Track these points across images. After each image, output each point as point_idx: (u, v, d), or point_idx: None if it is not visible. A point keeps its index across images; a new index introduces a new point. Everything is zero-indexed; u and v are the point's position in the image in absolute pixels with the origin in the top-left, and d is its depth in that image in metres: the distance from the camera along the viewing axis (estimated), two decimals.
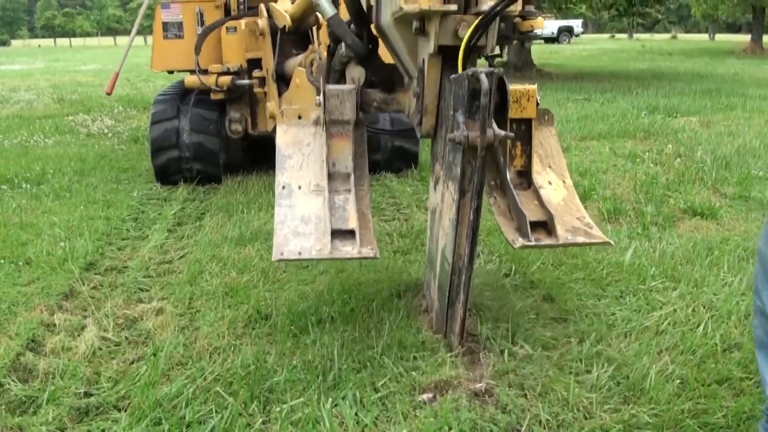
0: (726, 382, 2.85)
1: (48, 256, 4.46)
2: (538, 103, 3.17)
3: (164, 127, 6.39)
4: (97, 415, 2.73)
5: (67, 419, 2.69)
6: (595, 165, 6.88)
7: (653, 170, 6.59)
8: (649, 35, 62.96)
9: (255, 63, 6.27)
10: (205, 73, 6.23)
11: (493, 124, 2.56)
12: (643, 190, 5.83)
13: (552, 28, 51.63)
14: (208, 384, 2.86)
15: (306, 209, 3.03)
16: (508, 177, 3.08)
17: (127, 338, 3.39)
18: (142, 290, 4.02)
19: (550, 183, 3.17)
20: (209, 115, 6.44)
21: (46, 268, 4.24)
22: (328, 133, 3.22)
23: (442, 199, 3.02)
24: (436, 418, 2.60)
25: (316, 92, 4.44)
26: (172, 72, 7.37)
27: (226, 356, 3.10)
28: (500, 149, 3.00)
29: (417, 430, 2.56)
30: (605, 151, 7.71)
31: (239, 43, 6.25)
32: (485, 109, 2.51)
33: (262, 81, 6.27)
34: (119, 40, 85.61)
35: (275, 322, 3.43)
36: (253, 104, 6.54)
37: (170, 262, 4.47)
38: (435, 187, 3.19)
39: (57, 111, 12.62)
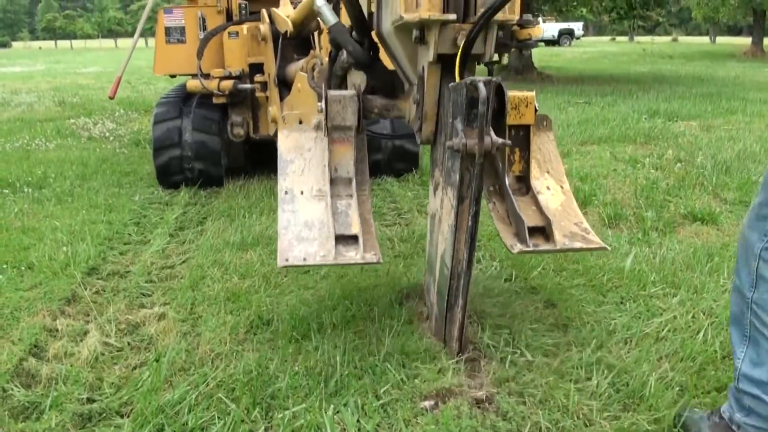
0: (726, 390, 2.84)
1: (50, 260, 4.47)
2: (536, 110, 3.19)
3: (166, 126, 6.44)
4: (99, 421, 2.74)
5: (70, 425, 2.70)
6: (596, 170, 6.89)
7: (654, 175, 6.60)
8: (650, 38, 63.03)
9: (257, 67, 6.29)
10: (207, 77, 6.26)
11: (491, 132, 2.59)
12: (644, 195, 5.84)
13: (553, 31, 51.75)
14: (211, 390, 2.87)
15: (309, 214, 3.04)
16: (507, 182, 3.10)
17: (130, 344, 3.40)
18: (144, 295, 4.02)
19: (548, 188, 3.19)
20: (211, 115, 6.49)
21: (49, 273, 4.25)
22: (330, 139, 3.23)
23: (441, 204, 3.05)
24: (438, 426, 2.61)
25: (317, 97, 4.48)
26: (174, 76, 7.41)
27: (229, 362, 3.11)
28: (499, 155, 3.02)
29: None
30: (606, 155, 7.72)
31: (241, 48, 6.29)
32: (483, 117, 2.53)
33: (264, 85, 6.29)
34: (120, 42, 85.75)
35: (277, 328, 3.44)
36: (255, 108, 6.57)
37: (172, 267, 4.48)
38: (434, 193, 3.22)
39: (58, 114, 12.64)
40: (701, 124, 10.06)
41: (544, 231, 2.99)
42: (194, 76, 6.36)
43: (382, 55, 3.50)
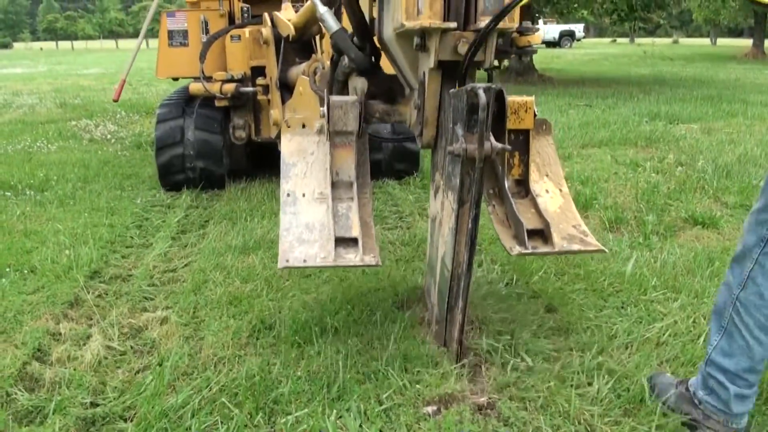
0: None
1: (53, 264, 4.48)
2: (536, 114, 3.23)
3: (169, 125, 6.48)
4: (103, 426, 2.75)
5: (74, 429, 2.71)
6: (597, 173, 6.91)
7: (654, 179, 6.61)
8: (651, 40, 63.04)
9: (259, 71, 6.33)
10: (210, 80, 6.29)
11: (491, 137, 2.62)
12: (645, 199, 5.85)
13: (554, 33, 51.80)
14: (214, 395, 2.88)
15: (310, 217, 3.07)
16: (507, 186, 3.14)
17: (132, 347, 3.41)
18: (146, 299, 4.04)
19: (547, 191, 3.23)
20: (213, 114, 6.52)
21: (51, 277, 4.26)
22: (332, 143, 3.27)
23: (441, 207, 3.09)
24: (440, 431, 2.63)
25: (319, 101, 4.51)
26: (177, 79, 7.45)
27: (231, 367, 3.13)
28: (499, 159, 3.06)
29: None
30: (607, 159, 7.73)
31: (243, 51, 6.32)
32: (483, 123, 2.57)
33: (266, 89, 6.33)
34: (121, 44, 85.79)
35: (279, 332, 3.45)
36: (257, 111, 6.60)
37: (174, 271, 4.49)
38: (435, 196, 3.26)
39: (60, 116, 12.65)
40: (702, 127, 10.08)
41: (542, 233, 3.03)
42: (197, 79, 6.38)
43: (383, 59, 3.54)
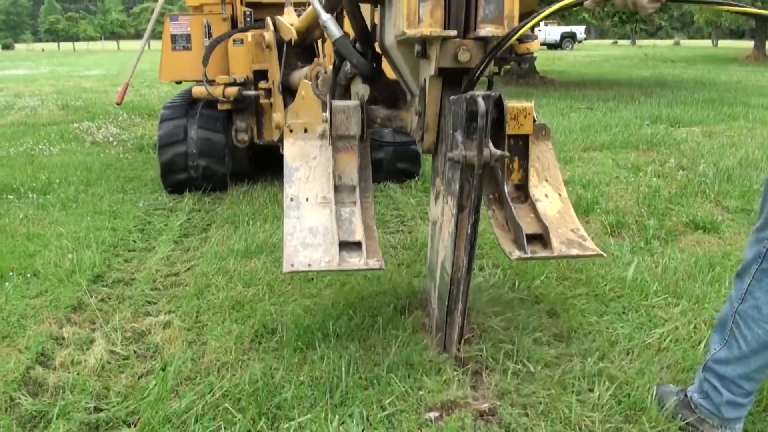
0: None
1: (56, 267, 4.50)
2: (535, 120, 3.27)
3: (172, 124, 6.53)
4: (107, 431, 2.77)
5: None
6: (598, 177, 6.92)
7: (656, 183, 6.62)
8: (652, 42, 63.02)
9: (261, 74, 6.36)
10: (213, 83, 6.32)
11: (490, 144, 2.66)
12: (646, 203, 5.86)
13: (555, 35, 51.83)
14: (217, 400, 2.90)
15: (314, 221, 3.09)
16: (506, 190, 3.18)
17: (136, 352, 3.43)
18: (149, 303, 4.05)
19: (546, 196, 3.27)
20: (216, 114, 6.57)
21: (54, 281, 4.28)
22: (335, 147, 3.30)
23: (442, 212, 3.12)
24: None
25: (321, 105, 4.54)
26: (180, 82, 7.49)
27: (234, 372, 3.14)
28: (498, 164, 3.10)
29: None
30: (608, 162, 7.75)
31: (246, 55, 6.35)
32: (482, 130, 2.60)
33: (268, 92, 6.35)
34: (122, 45, 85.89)
35: (282, 337, 3.47)
36: (259, 114, 6.63)
37: (177, 275, 4.51)
38: (435, 201, 3.29)
39: (62, 118, 12.68)
40: (703, 130, 10.09)
41: (541, 238, 3.07)
42: (199, 83, 6.41)
43: (385, 65, 3.58)
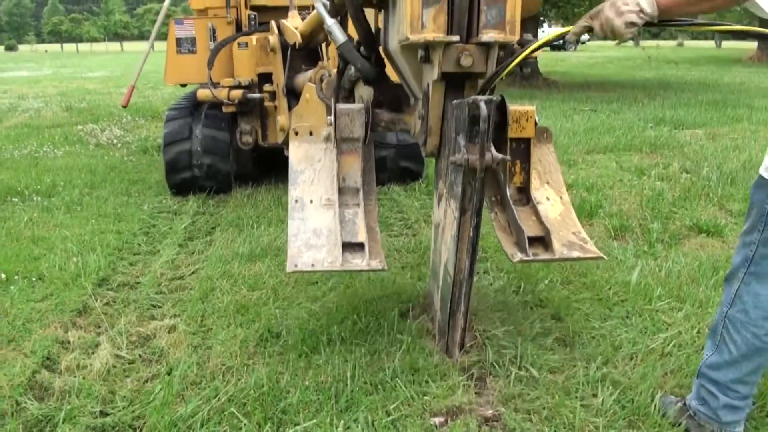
0: None
1: (61, 271, 4.52)
2: (537, 123, 3.31)
3: (178, 123, 6.58)
4: None
5: None
6: (602, 180, 6.92)
7: (659, 186, 6.63)
8: (655, 43, 62.89)
9: (266, 77, 6.38)
10: (217, 86, 6.35)
11: (492, 148, 2.70)
12: (650, 207, 5.87)
13: None
14: (222, 405, 2.91)
15: (318, 222, 3.14)
16: (508, 193, 3.25)
17: (141, 356, 3.44)
18: (154, 307, 4.07)
19: (548, 198, 3.32)
20: (221, 114, 6.61)
21: (59, 284, 4.30)
22: (339, 150, 3.34)
23: (444, 215, 3.16)
24: None
25: (325, 108, 4.57)
26: (185, 85, 7.53)
27: (240, 376, 3.15)
28: (501, 167, 3.15)
29: None
30: (612, 165, 7.75)
31: (250, 58, 6.38)
32: (484, 134, 2.65)
33: (273, 95, 6.37)
34: (126, 46, 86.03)
35: (287, 341, 3.48)
36: (264, 117, 6.66)
37: (182, 278, 4.52)
38: (438, 204, 3.32)
39: (66, 120, 12.70)
40: (707, 133, 10.08)
41: (543, 240, 3.12)
42: (204, 86, 6.44)
43: (389, 68, 3.62)
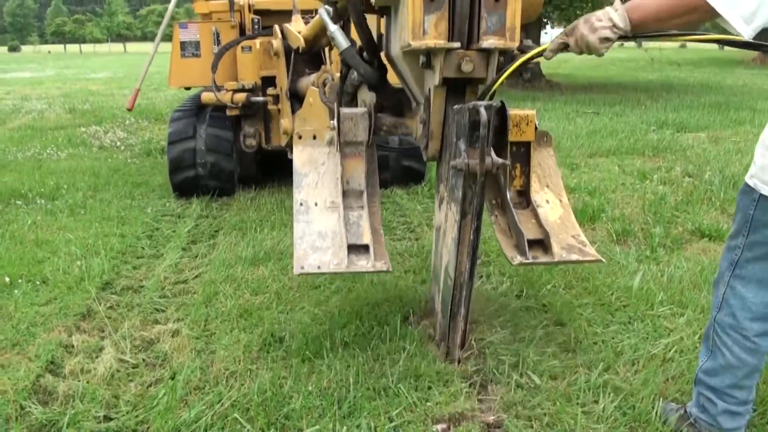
0: None
1: (64, 274, 4.53)
2: (537, 127, 3.35)
3: (182, 123, 6.64)
4: None
5: None
6: (604, 184, 6.93)
7: (662, 190, 6.63)
8: (658, 44, 62.84)
9: (269, 81, 6.42)
10: (221, 89, 6.38)
11: (492, 153, 2.73)
12: (652, 211, 5.87)
13: None
14: (226, 410, 2.92)
15: (323, 225, 3.17)
16: (508, 196, 3.29)
17: (145, 360, 3.45)
18: (158, 311, 4.08)
19: (547, 202, 3.35)
20: (224, 115, 6.66)
21: (63, 288, 4.31)
22: (342, 154, 3.38)
23: (445, 218, 3.19)
24: None
25: (328, 112, 4.60)
26: (189, 88, 7.57)
27: (243, 381, 3.17)
28: (501, 171, 3.19)
29: None
30: (614, 169, 7.75)
31: (254, 62, 6.41)
32: (484, 139, 2.68)
33: (276, 98, 6.41)
34: (129, 47, 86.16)
35: (290, 346, 3.49)
36: (267, 120, 6.69)
37: (185, 282, 4.54)
38: (439, 207, 3.35)
39: (69, 121, 12.73)
40: (709, 136, 10.08)
41: (543, 243, 3.16)
42: (208, 89, 6.47)
43: (390, 72, 3.66)
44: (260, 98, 6.42)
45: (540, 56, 2.70)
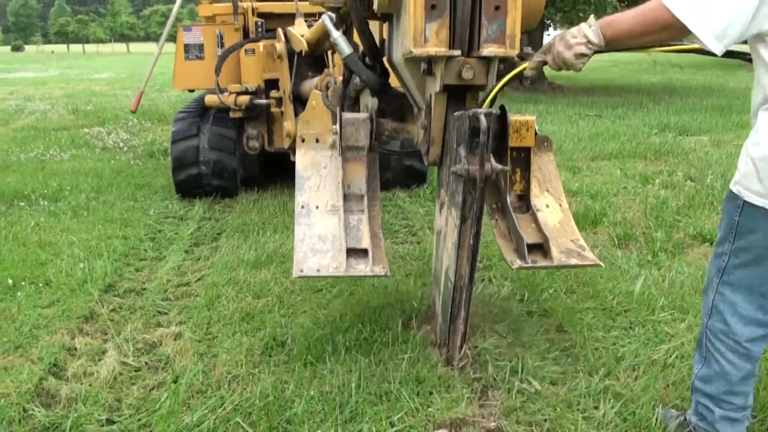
0: None
1: (67, 277, 4.55)
2: (537, 133, 3.38)
3: (187, 122, 6.68)
4: None
5: None
6: (606, 187, 6.94)
7: (663, 194, 6.64)
8: None
9: (272, 83, 6.45)
10: (225, 92, 6.40)
11: (491, 159, 2.77)
12: (654, 215, 5.88)
13: None
14: (228, 414, 2.93)
15: (323, 228, 3.20)
16: (509, 201, 3.32)
17: (147, 364, 3.47)
18: (160, 313, 4.10)
19: (547, 206, 3.38)
20: (228, 116, 6.69)
21: (66, 290, 4.33)
22: (344, 158, 3.40)
23: (446, 222, 3.22)
24: None
25: (330, 115, 4.62)
26: (192, 90, 7.60)
27: (245, 385, 3.18)
28: (501, 176, 3.20)
29: None
30: (616, 172, 7.76)
31: (257, 65, 6.44)
32: (484, 146, 2.72)
33: (279, 101, 6.43)
34: (132, 47, 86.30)
35: (292, 350, 3.50)
36: (270, 122, 6.72)
37: (188, 285, 4.55)
38: (440, 211, 3.39)
39: (72, 122, 12.75)
40: (711, 139, 10.07)
41: (542, 247, 3.18)
42: (212, 91, 6.50)
43: (393, 77, 3.69)
44: (263, 101, 6.46)
45: (521, 73, 2.76)
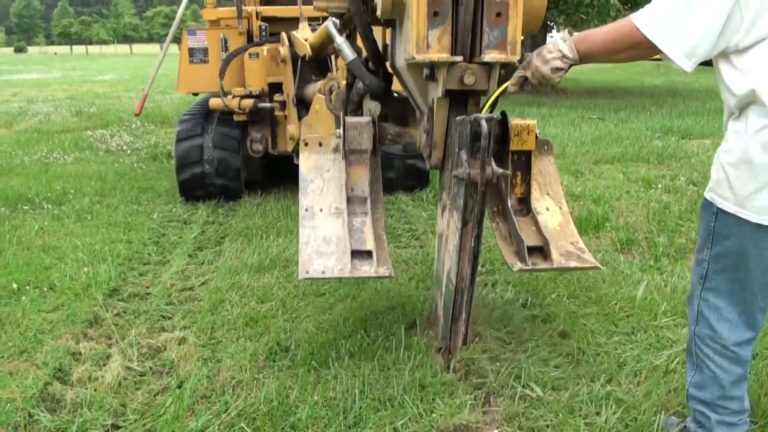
0: None
1: (72, 281, 4.56)
2: (537, 136, 3.43)
3: (191, 123, 6.74)
4: None
5: None
6: (609, 192, 6.95)
7: (666, 199, 6.65)
8: None
9: (276, 87, 6.48)
10: (229, 95, 6.44)
11: (492, 163, 2.81)
12: (656, 220, 5.89)
13: None
14: (232, 419, 2.95)
15: (327, 230, 3.24)
16: (509, 204, 3.37)
17: (152, 368, 3.48)
18: (164, 318, 4.11)
19: (547, 209, 3.43)
20: (232, 117, 6.73)
21: (70, 295, 4.35)
22: (347, 161, 3.44)
23: (447, 225, 3.25)
24: None
25: (334, 119, 4.65)
26: (196, 93, 7.64)
27: (249, 391, 3.19)
28: (502, 179, 3.26)
29: None
30: (619, 176, 7.77)
31: (261, 68, 6.48)
32: (485, 150, 2.76)
33: (283, 104, 6.46)
34: (135, 48, 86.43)
35: (296, 355, 3.52)
36: (274, 126, 6.76)
37: (191, 289, 4.57)
38: (442, 214, 3.42)
39: (75, 125, 12.79)
40: (714, 143, 10.06)
41: (542, 250, 3.23)
42: (216, 95, 6.54)
43: (395, 80, 3.73)
44: (267, 104, 6.50)
45: (504, 92, 2.83)
